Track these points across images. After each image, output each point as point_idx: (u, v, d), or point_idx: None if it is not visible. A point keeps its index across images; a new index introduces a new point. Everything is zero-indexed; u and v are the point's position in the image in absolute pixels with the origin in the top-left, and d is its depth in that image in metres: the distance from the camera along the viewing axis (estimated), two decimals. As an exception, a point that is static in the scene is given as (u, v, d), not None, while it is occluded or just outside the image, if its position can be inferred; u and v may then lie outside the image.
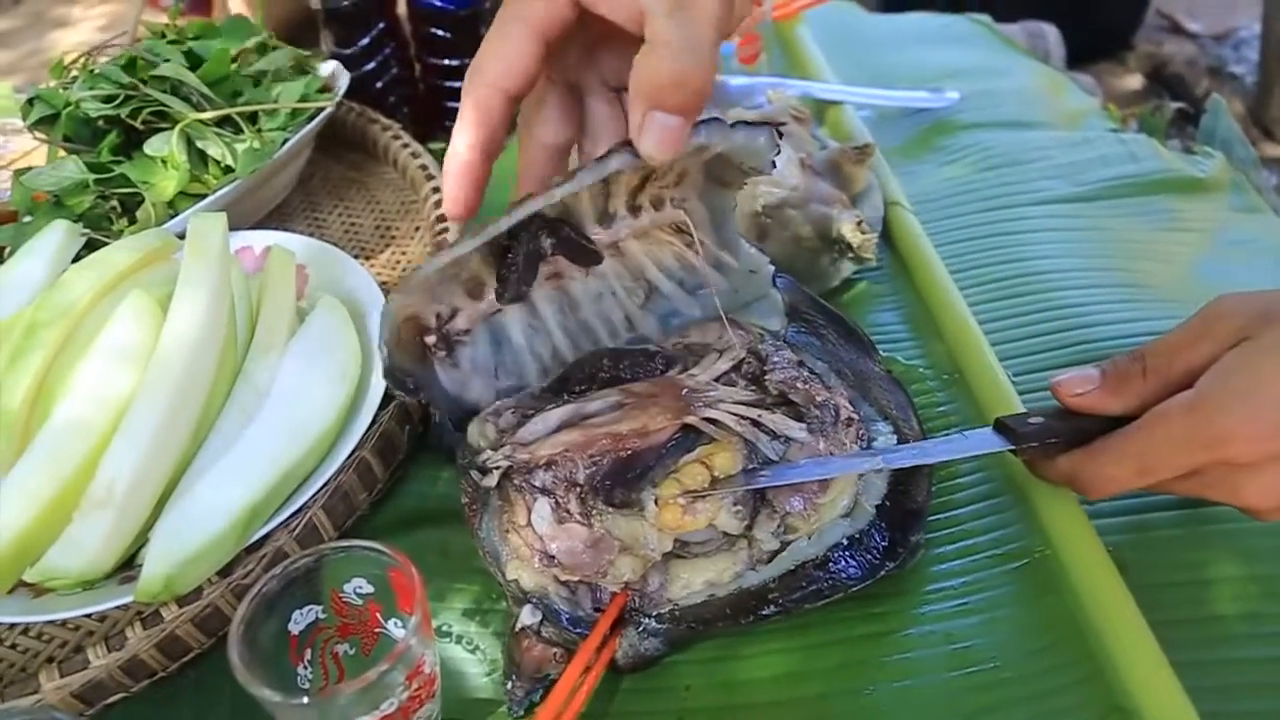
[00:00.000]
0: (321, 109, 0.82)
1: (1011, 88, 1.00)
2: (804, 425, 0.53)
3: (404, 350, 0.54)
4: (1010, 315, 0.72)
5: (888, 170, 0.85)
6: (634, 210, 0.56)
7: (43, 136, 0.78)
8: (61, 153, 0.77)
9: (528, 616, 0.50)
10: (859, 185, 0.78)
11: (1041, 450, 0.54)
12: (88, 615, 0.53)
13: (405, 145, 0.88)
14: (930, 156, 0.91)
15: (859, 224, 0.72)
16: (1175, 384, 0.49)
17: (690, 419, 0.51)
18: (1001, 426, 0.54)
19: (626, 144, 0.45)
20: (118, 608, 0.51)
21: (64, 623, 0.56)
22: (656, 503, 0.50)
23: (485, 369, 0.58)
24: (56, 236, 0.67)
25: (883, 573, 0.52)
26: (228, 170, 0.75)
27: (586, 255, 0.56)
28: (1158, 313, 0.70)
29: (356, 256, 0.72)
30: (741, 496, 0.51)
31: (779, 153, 0.52)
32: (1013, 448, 0.53)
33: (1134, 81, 2.34)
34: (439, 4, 0.89)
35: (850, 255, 0.73)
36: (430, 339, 0.56)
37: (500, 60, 0.45)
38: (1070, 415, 0.53)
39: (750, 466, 0.52)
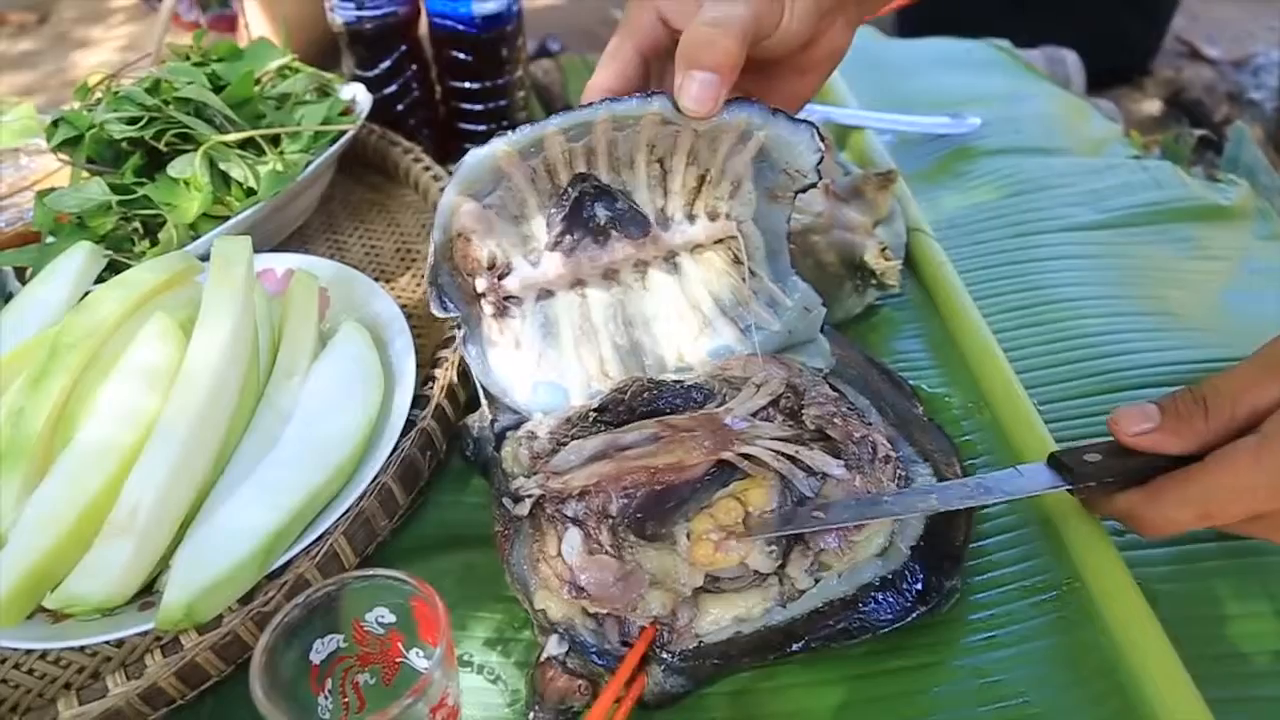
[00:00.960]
0: (344, 132, 0.82)
1: (1033, 113, 1.00)
2: (841, 462, 0.52)
3: (452, 270, 0.57)
4: (1034, 342, 0.71)
5: (910, 196, 0.84)
6: (690, 219, 0.59)
7: (66, 158, 0.78)
8: (85, 174, 0.77)
9: (554, 646, 0.49)
10: (882, 211, 0.78)
11: (1099, 489, 0.52)
12: (106, 641, 0.52)
13: (426, 168, 0.88)
14: (952, 182, 0.90)
15: (883, 250, 0.72)
16: (1239, 425, 0.47)
17: (726, 455, 0.51)
18: (1057, 464, 0.52)
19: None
20: (137, 634, 0.51)
21: (82, 648, 0.56)
22: (689, 537, 0.50)
23: (529, 350, 0.58)
24: (79, 258, 0.67)
25: (913, 616, 0.50)
26: (250, 192, 0.75)
27: (638, 224, 0.58)
28: (1185, 341, 0.69)
29: (377, 279, 0.72)
30: (776, 535, 0.51)
31: (822, 158, 0.53)
32: (1070, 486, 0.52)
33: (1152, 107, 2.34)
34: (460, 27, 0.90)
35: (874, 282, 0.73)
36: (481, 284, 0.57)
37: (606, 68, 0.55)
38: (1127, 452, 0.51)
39: (784, 508, 0.50)
